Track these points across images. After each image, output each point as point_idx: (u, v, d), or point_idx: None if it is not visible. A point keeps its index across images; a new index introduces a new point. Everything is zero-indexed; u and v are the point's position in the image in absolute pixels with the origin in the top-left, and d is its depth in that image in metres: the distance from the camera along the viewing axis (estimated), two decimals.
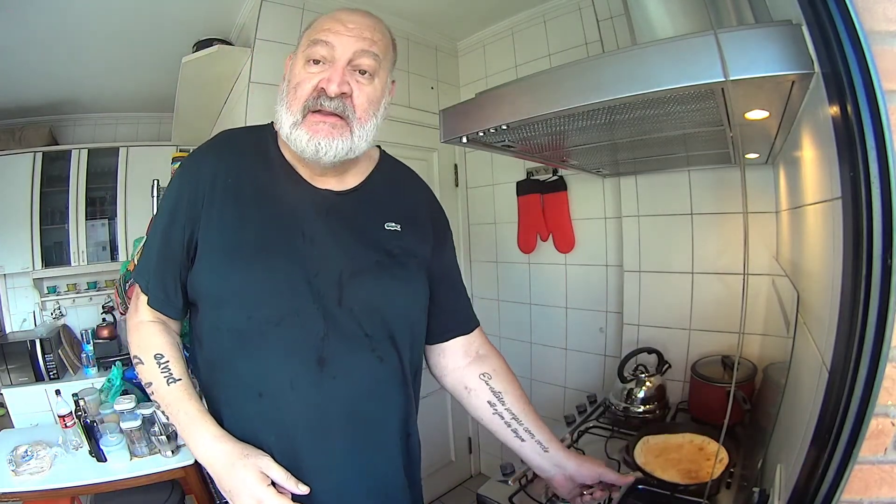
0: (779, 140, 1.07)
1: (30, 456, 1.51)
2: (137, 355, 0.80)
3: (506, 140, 1.08)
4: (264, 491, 0.68)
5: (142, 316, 0.82)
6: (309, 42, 0.76)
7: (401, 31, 2.23)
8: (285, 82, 0.80)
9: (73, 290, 2.67)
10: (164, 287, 0.79)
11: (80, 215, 2.60)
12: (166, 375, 0.77)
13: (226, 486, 0.70)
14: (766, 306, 1.35)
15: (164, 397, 0.76)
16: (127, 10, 1.83)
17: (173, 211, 0.79)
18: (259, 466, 0.70)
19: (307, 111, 0.75)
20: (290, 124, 0.76)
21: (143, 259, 0.85)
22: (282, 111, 0.78)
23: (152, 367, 0.78)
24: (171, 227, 0.78)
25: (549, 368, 2.23)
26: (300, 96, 0.76)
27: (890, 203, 0.54)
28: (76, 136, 2.79)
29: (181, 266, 0.79)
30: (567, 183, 2.07)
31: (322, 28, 0.76)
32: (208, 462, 0.72)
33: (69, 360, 2.32)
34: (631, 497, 1.14)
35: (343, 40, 0.75)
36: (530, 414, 0.95)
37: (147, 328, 0.81)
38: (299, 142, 0.76)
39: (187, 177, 0.80)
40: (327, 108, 0.75)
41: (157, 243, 0.80)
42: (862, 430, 0.59)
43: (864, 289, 0.55)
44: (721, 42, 0.61)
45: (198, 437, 0.73)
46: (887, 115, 0.55)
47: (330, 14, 0.78)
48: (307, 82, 0.75)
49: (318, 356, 0.75)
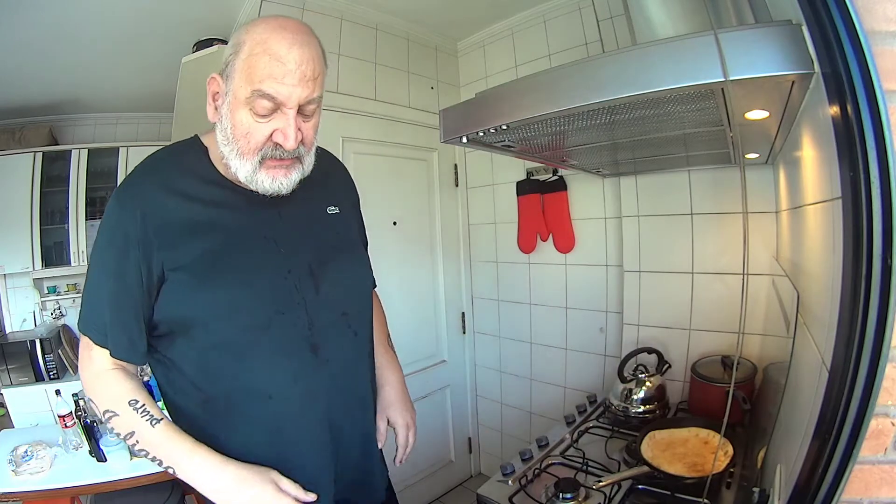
0: (779, 140, 1.07)
1: (30, 456, 1.51)
2: (109, 409, 0.77)
3: (506, 140, 1.07)
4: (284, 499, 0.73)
5: (98, 366, 0.78)
6: (251, 91, 0.72)
7: (401, 31, 2.24)
8: (227, 123, 0.76)
9: (73, 290, 2.67)
10: (128, 333, 0.76)
11: (80, 215, 2.60)
12: (147, 419, 0.76)
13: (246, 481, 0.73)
14: (766, 306, 1.35)
15: (151, 440, 0.75)
16: (127, 11, 1.83)
17: (121, 253, 0.75)
18: (272, 478, 0.75)
19: (263, 158, 0.77)
20: (248, 171, 0.77)
21: (88, 312, 0.79)
22: (233, 157, 0.77)
23: (130, 415, 0.76)
24: (123, 272, 0.75)
25: (549, 368, 2.23)
26: (253, 146, 0.75)
27: (890, 203, 0.54)
28: (76, 136, 2.79)
29: (143, 306, 0.76)
30: (567, 183, 2.07)
31: (263, 74, 0.71)
32: (217, 488, 0.74)
33: (69, 360, 2.32)
34: (632, 496, 1.15)
35: (288, 91, 0.72)
36: (382, 360, 1.05)
37: (108, 377, 0.78)
38: (261, 184, 0.78)
39: (125, 215, 0.76)
40: (283, 156, 0.77)
41: (108, 292, 0.76)
42: (862, 430, 0.59)
43: (864, 289, 0.56)
44: (721, 42, 0.61)
45: (201, 466, 0.74)
46: (887, 115, 0.55)
47: (265, 45, 0.71)
48: (258, 133, 0.75)
49: (310, 345, 0.81)
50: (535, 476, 1.27)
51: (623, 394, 1.55)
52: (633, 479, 1.17)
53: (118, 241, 0.75)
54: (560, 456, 1.36)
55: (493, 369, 2.50)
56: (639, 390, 1.53)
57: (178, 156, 0.85)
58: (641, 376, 1.55)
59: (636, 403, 1.53)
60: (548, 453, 1.37)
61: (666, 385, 1.56)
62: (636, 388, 1.54)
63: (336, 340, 0.85)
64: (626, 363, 1.57)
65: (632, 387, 1.54)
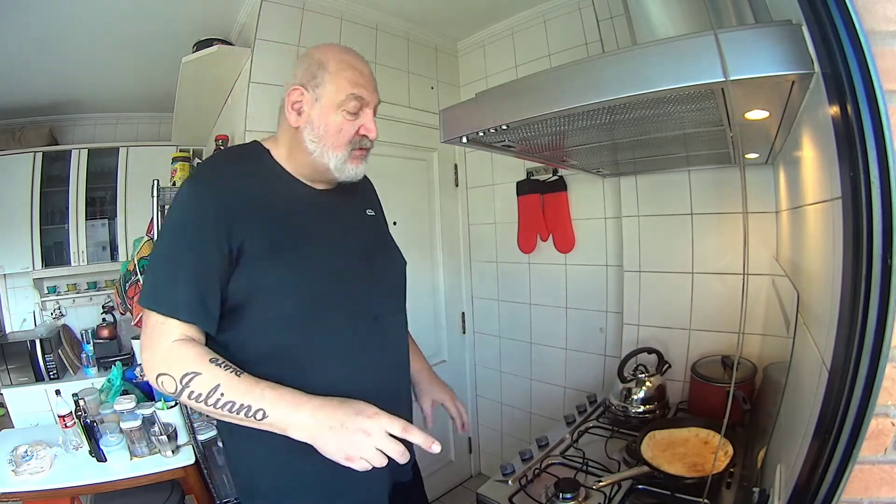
0: (779, 140, 1.07)
1: (30, 456, 1.51)
2: (189, 371, 0.79)
3: (506, 140, 1.08)
4: (393, 417, 0.79)
5: (169, 338, 0.82)
6: (347, 95, 0.91)
7: (401, 31, 2.24)
8: (320, 124, 0.92)
9: (73, 290, 2.67)
10: (204, 302, 0.83)
11: (80, 215, 2.60)
12: (232, 371, 0.80)
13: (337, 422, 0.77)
14: (766, 306, 1.35)
15: (239, 388, 0.79)
16: (127, 10, 1.83)
17: (201, 230, 0.83)
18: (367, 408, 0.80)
19: (352, 149, 0.95)
20: (339, 160, 0.94)
21: (158, 288, 0.84)
22: (327, 150, 0.93)
23: (214, 371, 0.79)
24: (203, 247, 0.82)
25: (549, 368, 2.23)
26: (344, 140, 0.93)
27: (890, 203, 0.54)
28: (76, 136, 2.79)
29: (220, 278, 0.84)
30: (567, 183, 2.07)
31: (353, 82, 0.92)
32: (311, 413, 0.78)
33: (69, 360, 2.32)
34: (632, 496, 1.15)
35: (370, 96, 0.94)
36: None
37: (184, 346, 0.82)
38: (348, 171, 0.95)
39: (206, 198, 0.85)
40: (367, 146, 0.97)
41: (185, 264, 0.82)
42: (862, 430, 0.59)
43: (864, 289, 0.56)
44: (721, 42, 0.61)
45: (294, 401, 0.79)
46: (887, 115, 0.55)
47: (347, 62, 0.93)
48: (349, 129, 0.93)
49: (373, 315, 0.95)
50: (535, 476, 1.27)
51: (623, 394, 1.55)
52: (633, 479, 1.17)
53: (197, 220, 0.84)
54: (560, 456, 1.36)
55: (493, 369, 2.50)
56: (639, 390, 1.53)
57: (243, 153, 1.00)
58: (641, 376, 1.55)
59: (636, 403, 1.53)
60: (548, 453, 1.37)
61: (666, 385, 1.56)
62: (636, 388, 1.54)
63: (391, 313, 1.01)
64: (626, 363, 1.57)
65: (632, 387, 1.54)
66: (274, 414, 0.77)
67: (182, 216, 0.86)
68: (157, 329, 0.82)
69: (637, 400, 1.53)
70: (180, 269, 0.83)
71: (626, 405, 1.53)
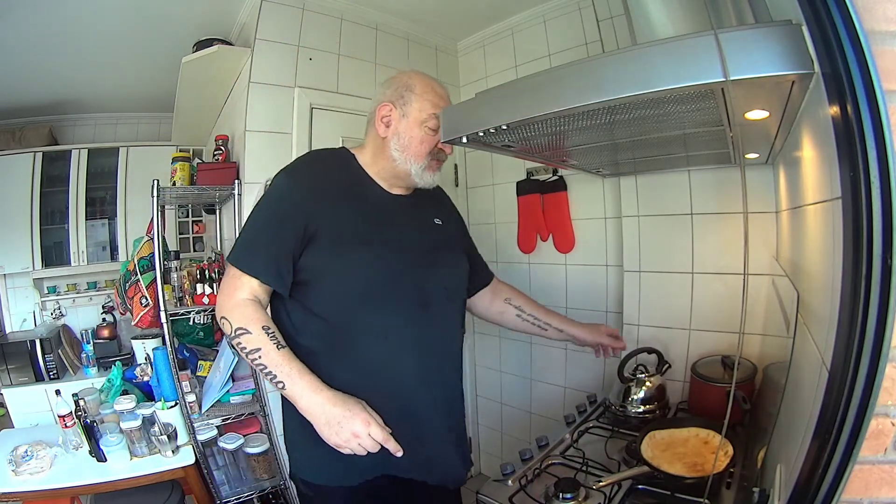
0: (779, 140, 1.07)
1: (30, 456, 1.51)
2: (243, 327, 0.98)
3: (506, 140, 1.08)
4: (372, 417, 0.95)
5: (241, 295, 1.01)
6: (430, 115, 1.09)
7: (401, 31, 2.24)
8: (405, 136, 1.09)
9: (73, 290, 2.67)
10: (278, 267, 1.00)
11: (80, 215, 2.60)
12: (275, 342, 0.97)
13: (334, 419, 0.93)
14: (766, 306, 1.35)
15: (275, 359, 0.96)
16: (127, 10, 1.83)
17: (286, 211, 1.02)
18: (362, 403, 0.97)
19: (431, 160, 1.12)
20: (419, 168, 1.11)
21: (245, 250, 1.04)
22: (409, 158, 1.10)
23: (261, 336, 0.97)
24: (284, 224, 1.01)
25: (549, 368, 2.23)
26: (426, 151, 1.10)
27: (890, 203, 0.54)
28: (76, 136, 2.79)
29: (293, 251, 1.01)
30: (567, 183, 2.07)
31: (436, 104, 1.09)
32: (318, 402, 0.94)
33: (69, 360, 2.32)
34: (632, 496, 1.15)
35: None
36: (543, 313, 1.44)
37: (249, 305, 1.00)
38: (425, 178, 1.12)
39: (296, 186, 1.05)
40: (443, 158, 1.15)
41: (268, 235, 1.02)
42: (862, 430, 0.59)
43: (864, 289, 0.56)
44: (721, 42, 0.61)
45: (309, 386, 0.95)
46: (887, 115, 0.55)
47: (431, 86, 1.11)
48: (429, 142, 1.10)
49: (422, 302, 1.07)
50: (535, 476, 1.27)
51: (623, 393, 1.55)
52: (633, 479, 1.17)
53: (285, 205, 1.03)
54: (560, 456, 1.36)
55: (493, 369, 2.50)
56: (639, 390, 1.53)
57: (333, 155, 1.18)
58: (641, 376, 1.55)
59: (636, 403, 1.53)
60: (548, 453, 1.37)
61: (666, 385, 1.56)
62: (636, 387, 1.54)
63: (441, 304, 1.11)
64: (625, 363, 1.57)
65: (632, 386, 1.54)
66: (290, 390, 0.96)
67: (271, 199, 1.05)
68: (235, 281, 1.02)
69: (637, 400, 1.53)
70: (263, 241, 1.02)
71: (626, 405, 1.53)
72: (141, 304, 1.73)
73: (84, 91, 2.53)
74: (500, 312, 1.42)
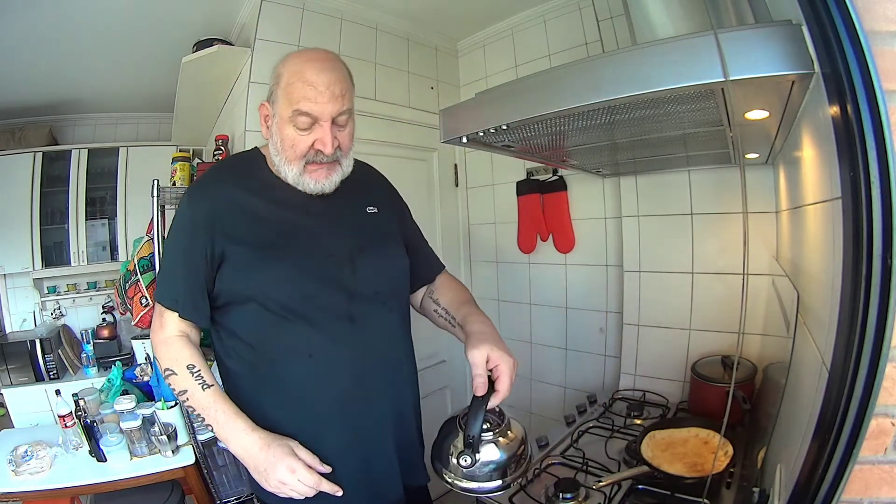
0: (779, 140, 1.07)
1: (30, 456, 1.51)
2: (169, 367, 0.93)
3: (506, 140, 1.08)
4: (297, 462, 0.86)
5: (168, 332, 0.95)
6: (292, 111, 0.91)
7: (401, 31, 2.24)
8: (277, 138, 0.95)
9: (73, 290, 2.67)
10: (194, 299, 0.93)
11: (80, 215, 2.59)
12: (200, 382, 0.91)
13: (261, 466, 0.86)
14: (766, 306, 1.35)
15: (200, 401, 0.91)
16: (127, 10, 1.83)
17: (191, 237, 0.93)
18: (290, 445, 0.88)
19: (307, 163, 0.95)
20: (295, 174, 0.96)
21: (163, 283, 0.99)
22: (283, 164, 0.96)
23: (186, 377, 0.92)
24: (192, 250, 0.92)
25: (549, 368, 2.23)
26: (298, 154, 0.94)
27: (890, 203, 0.54)
28: (76, 136, 2.79)
29: (206, 278, 0.93)
30: (567, 183, 2.07)
31: (299, 96, 0.90)
32: (245, 447, 0.88)
33: (69, 360, 2.32)
34: (632, 496, 1.15)
35: (322, 108, 0.90)
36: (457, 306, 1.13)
37: (175, 343, 0.94)
38: (306, 185, 0.96)
39: (196, 207, 0.95)
40: (324, 160, 0.95)
41: (180, 265, 0.94)
42: (862, 430, 0.59)
43: (864, 289, 0.56)
44: (721, 42, 0.61)
45: (236, 430, 0.89)
46: (887, 115, 0.55)
47: (299, 73, 0.91)
48: (302, 143, 0.93)
49: (348, 315, 0.95)
50: (535, 476, 1.27)
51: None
52: (633, 479, 1.17)
53: (187, 227, 0.94)
54: (560, 456, 1.36)
55: None
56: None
57: (241, 162, 1.06)
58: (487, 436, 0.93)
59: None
60: (548, 453, 1.37)
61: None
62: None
63: (370, 314, 0.98)
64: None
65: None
66: (218, 433, 0.91)
67: (177, 224, 0.98)
68: (160, 319, 0.96)
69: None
70: (178, 272, 0.94)
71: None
72: (141, 304, 1.73)
73: (84, 91, 2.53)
74: (425, 308, 1.20)
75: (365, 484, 0.97)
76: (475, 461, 0.82)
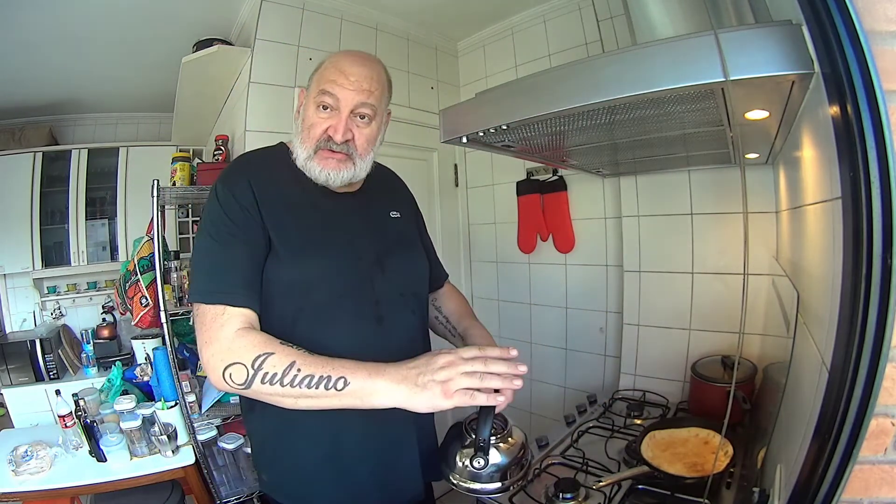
0: (779, 140, 1.07)
1: (30, 456, 1.51)
2: (263, 352, 0.79)
3: (506, 140, 1.08)
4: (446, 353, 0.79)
5: (234, 326, 0.82)
6: (318, 91, 0.91)
7: (401, 31, 2.24)
8: (300, 119, 0.96)
9: (73, 290, 2.67)
10: (253, 285, 0.86)
11: (80, 215, 2.59)
12: (302, 350, 0.81)
13: (422, 378, 0.76)
14: (766, 306, 1.35)
15: (315, 362, 0.79)
16: (127, 10, 1.83)
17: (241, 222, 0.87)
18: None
19: (318, 149, 0.93)
20: (304, 157, 0.94)
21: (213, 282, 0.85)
22: (297, 145, 0.95)
23: (286, 350, 0.80)
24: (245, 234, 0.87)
25: (549, 368, 2.23)
26: (312, 137, 0.93)
27: (890, 203, 0.54)
28: (76, 136, 2.79)
29: (261, 265, 0.88)
30: (567, 183, 2.07)
31: (328, 79, 0.91)
32: (401, 377, 0.77)
33: (69, 360, 2.32)
34: (632, 496, 1.15)
35: (345, 94, 0.90)
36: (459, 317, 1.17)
37: (248, 333, 0.82)
38: (312, 171, 0.94)
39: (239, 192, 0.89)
40: (334, 148, 0.93)
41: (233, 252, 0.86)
42: (862, 430, 0.59)
43: (864, 289, 0.55)
44: (721, 42, 0.61)
45: (377, 368, 0.78)
46: (887, 115, 0.55)
47: (335, 62, 0.93)
48: (318, 126, 0.92)
49: (376, 316, 0.95)
50: (535, 476, 1.27)
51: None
52: (633, 479, 1.17)
53: (235, 212, 0.87)
54: (560, 456, 1.36)
55: None
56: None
57: (269, 153, 1.02)
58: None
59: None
60: (548, 453, 1.37)
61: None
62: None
63: (397, 316, 0.98)
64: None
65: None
66: (356, 381, 0.76)
67: (217, 213, 0.88)
68: (216, 322, 0.82)
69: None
70: (227, 257, 0.86)
71: None
72: (141, 304, 1.73)
73: (84, 91, 2.53)
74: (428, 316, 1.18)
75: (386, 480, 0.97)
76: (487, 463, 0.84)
